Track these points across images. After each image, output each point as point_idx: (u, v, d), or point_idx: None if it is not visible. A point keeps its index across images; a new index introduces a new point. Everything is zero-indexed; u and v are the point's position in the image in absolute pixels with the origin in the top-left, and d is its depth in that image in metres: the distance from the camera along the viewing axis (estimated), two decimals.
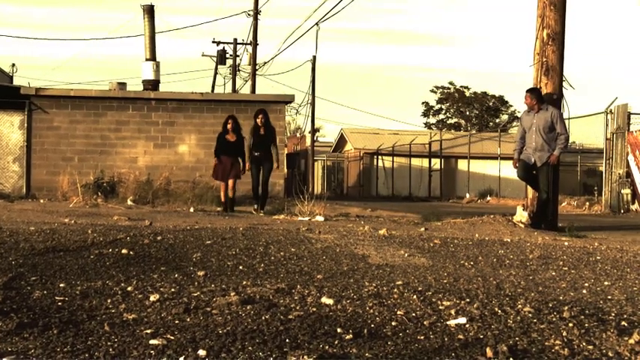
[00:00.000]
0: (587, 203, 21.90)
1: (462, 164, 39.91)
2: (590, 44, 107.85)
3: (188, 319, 3.33)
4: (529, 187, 10.61)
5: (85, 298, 3.74)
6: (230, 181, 13.47)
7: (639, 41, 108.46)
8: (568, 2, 10.43)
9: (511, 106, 70.86)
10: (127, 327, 3.17)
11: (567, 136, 10.26)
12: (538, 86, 10.31)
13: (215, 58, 43.85)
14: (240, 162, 13.46)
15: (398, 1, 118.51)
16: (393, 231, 7.79)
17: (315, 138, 42.81)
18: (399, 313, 3.50)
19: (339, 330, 3.15)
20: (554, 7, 10.29)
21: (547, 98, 10.22)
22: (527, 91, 10.17)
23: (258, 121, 13.34)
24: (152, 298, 3.74)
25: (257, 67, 37.92)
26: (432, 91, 72.77)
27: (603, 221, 14.65)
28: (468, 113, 71.43)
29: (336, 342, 2.98)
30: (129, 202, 14.27)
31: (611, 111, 20.86)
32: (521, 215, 9.95)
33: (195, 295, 3.85)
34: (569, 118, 10.99)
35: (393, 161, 42.65)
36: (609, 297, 4.16)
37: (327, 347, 2.92)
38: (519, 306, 3.68)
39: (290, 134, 55.36)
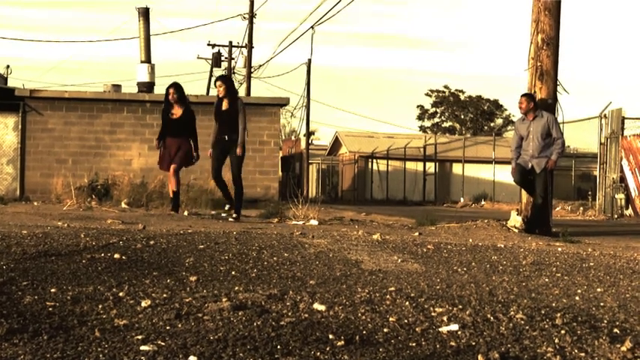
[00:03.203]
0: (581, 208, 21.94)
1: (457, 168, 39.99)
2: (584, 49, 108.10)
3: (179, 325, 3.32)
4: (523, 192, 10.62)
5: (76, 304, 3.73)
6: (172, 169, 11.29)
7: (633, 45, 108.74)
8: (563, 7, 10.46)
9: (506, 110, 70.98)
10: (118, 333, 3.15)
11: (563, 141, 10.29)
12: (532, 91, 10.33)
13: (210, 61, 43.86)
14: (192, 144, 11.41)
15: (393, 4, 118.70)
16: (386, 235, 7.78)
17: (309, 141, 42.80)
18: (391, 319, 3.49)
19: (330, 336, 3.14)
20: (548, 12, 10.31)
21: (541, 103, 10.23)
22: (523, 95, 10.19)
23: (218, 90, 10.83)
24: (144, 303, 3.73)
25: (252, 70, 37.95)
26: (426, 94, 72.88)
27: (597, 226, 14.68)
28: (462, 117, 71.53)
29: (327, 348, 2.98)
30: (123, 205, 14.24)
31: (605, 115, 20.91)
32: (515, 220, 9.96)
33: (187, 300, 3.84)
34: (563, 123, 10.99)
35: (387, 165, 42.69)
36: (602, 304, 4.16)
37: (318, 354, 2.91)
38: (512, 313, 3.67)
39: (285, 137, 55.35)
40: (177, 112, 11.36)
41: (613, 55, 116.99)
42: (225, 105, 10.79)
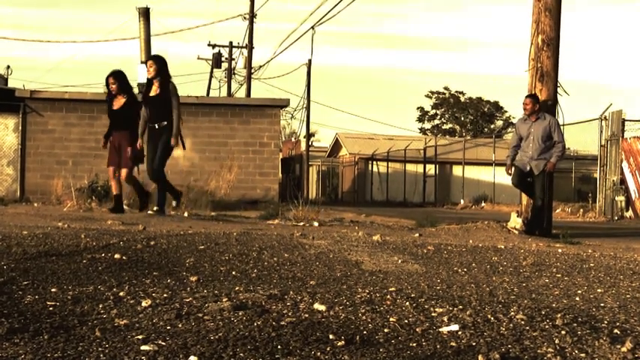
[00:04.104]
0: (582, 210, 21.94)
1: (457, 170, 39.99)
2: (585, 51, 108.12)
3: (180, 325, 3.32)
4: (523, 194, 10.62)
5: (76, 303, 3.73)
6: (111, 169, 10.43)
7: (634, 47, 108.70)
8: (563, 8, 10.46)
9: (506, 111, 70.99)
10: (119, 333, 3.15)
11: (564, 145, 10.29)
12: (533, 92, 10.34)
13: (210, 62, 43.88)
14: (139, 140, 10.16)
15: (394, 5, 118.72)
16: (387, 237, 7.78)
17: (310, 143, 42.82)
18: (391, 319, 3.49)
19: (331, 336, 3.14)
20: (549, 12, 10.32)
21: (542, 104, 10.24)
22: (528, 96, 10.19)
23: (148, 70, 9.81)
24: (144, 303, 3.73)
25: (252, 71, 37.96)
26: (427, 96, 72.92)
27: (597, 228, 14.68)
28: (462, 119, 71.53)
29: (328, 349, 2.98)
30: (123, 206, 14.21)
31: (605, 117, 20.91)
32: (516, 221, 9.96)
33: (188, 300, 3.84)
34: (563, 125, 11.00)
35: (387, 166, 42.69)
36: (602, 304, 4.16)
37: (319, 354, 2.91)
38: (512, 313, 3.67)
39: (285, 139, 55.36)
40: (118, 102, 10.36)
41: (613, 57, 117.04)
42: (155, 89, 9.82)
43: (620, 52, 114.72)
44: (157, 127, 9.74)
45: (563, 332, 3.29)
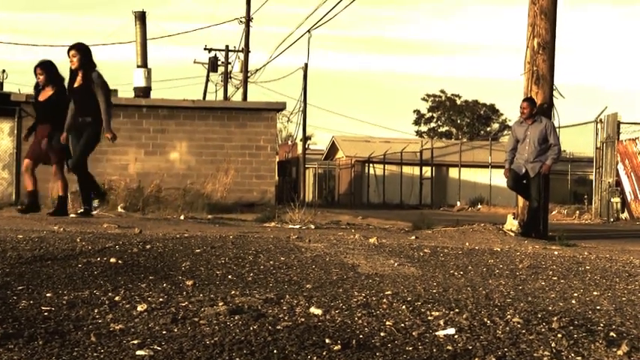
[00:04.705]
0: (578, 212, 21.98)
1: (453, 172, 40.01)
2: (580, 54, 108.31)
3: (175, 330, 3.31)
4: (519, 196, 10.64)
5: (71, 308, 3.72)
6: (26, 162, 9.83)
7: (629, 51, 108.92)
8: (558, 11, 10.48)
9: (502, 114, 71.12)
10: (114, 337, 3.14)
11: (560, 148, 10.32)
12: (529, 95, 10.36)
13: (207, 65, 43.86)
14: (64, 134, 9.60)
15: (390, 8, 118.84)
16: (383, 239, 7.78)
17: (306, 146, 42.82)
18: (387, 323, 3.49)
19: (327, 341, 3.13)
20: (544, 16, 10.33)
21: (538, 107, 10.25)
22: (525, 100, 10.21)
23: (71, 60, 9.21)
24: (140, 308, 3.72)
25: (249, 75, 37.96)
26: (423, 99, 73.05)
27: (593, 230, 14.69)
28: (459, 121, 71.63)
29: (324, 353, 2.97)
30: (119, 210, 14.22)
31: (601, 120, 20.97)
32: (512, 224, 9.98)
33: (184, 305, 3.83)
34: (559, 127, 11.02)
35: (384, 169, 42.72)
36: (598, 307, 4.16)
37: (315, 358, 2.90)
38: (508, 316, 3.67)
39: (282, 142, 55.36)
40: (45, 94, 9.67)
41: (609, 60, 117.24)
42: (78, 80, 9.32)
43: (616, 55, 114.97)
44: (80, 120, 9.33)
45: (559, 335, 3.29)
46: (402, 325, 3.47)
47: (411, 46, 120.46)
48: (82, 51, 9.32)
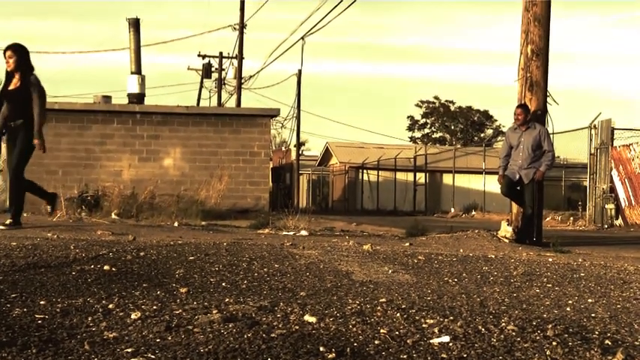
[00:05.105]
0: (572, 218, 22.00)
1: (447, 178, 40.05)
2: (574, 60, 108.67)
3: (169, 338, 3.29)
4: (513, 203, 10.64)
5: (65, 316, 3.70)
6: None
7: (622, 57, 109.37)
8: (552, 18, 10.51)
9: (496, 120, 71.23)
10: (108, 346, 3.13)
11: (554, 154, 10.33)
12: (522, 101, 10.38)
13: (200, 72, 43.87)
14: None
15: (384, 15, 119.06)
16: (377, 246, 7.77)
17: (300, 152, 42.82)
18: (382, 331, 3.48)
19: (321, 349, 3.13)
20: (538, 22, 10.36)
21: (531, 114, 10.27)
22: (519, 106, 10.23)
23: (7, 62, 8.64)
24: (133, 315, 3.70)
25: (242, 81, 37.93)
26: (417, 105, 73.10)
27: (587, 236, 14.70)
28: (452, 127, 71.71)
29: None
30: (113, 216, 14.18)
31: (595, 126, 21.01)
32: (506, 230, 9.98)
33: (177, 312, 3.82)
34: (553, 134, 11.04)
35: (378, 175, 42.74)
36: (593, 315, 4.16)
37: None
38: (503, 324, 3.66)
39: (275, 148, 55.33)
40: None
41: (602, 66, 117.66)
42: (15, 82, 8.76)
43: (609, 61, 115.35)
44: (12, 125, 8.84)
45: (554, 343, 3.29)
46: (397, 332, 3.46)
47: (404, 53, 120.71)
48: (18, 52, 8.79)
